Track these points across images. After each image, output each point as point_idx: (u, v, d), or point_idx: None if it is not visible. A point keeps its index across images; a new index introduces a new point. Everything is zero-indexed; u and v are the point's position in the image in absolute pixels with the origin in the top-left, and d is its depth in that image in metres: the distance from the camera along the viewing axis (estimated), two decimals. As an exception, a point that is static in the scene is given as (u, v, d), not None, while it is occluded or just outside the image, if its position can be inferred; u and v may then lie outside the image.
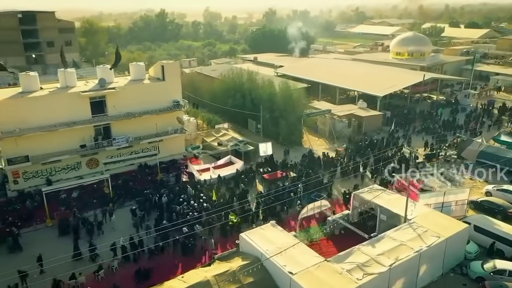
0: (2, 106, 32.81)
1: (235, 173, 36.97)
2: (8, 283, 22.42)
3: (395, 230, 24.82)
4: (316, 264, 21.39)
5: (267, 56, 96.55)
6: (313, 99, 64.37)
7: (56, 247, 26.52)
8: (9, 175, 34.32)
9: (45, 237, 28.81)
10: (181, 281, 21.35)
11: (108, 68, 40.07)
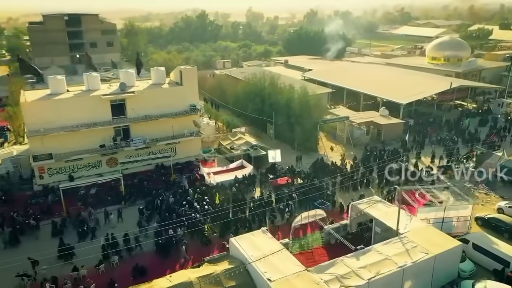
0: (30, 107, 35.84)
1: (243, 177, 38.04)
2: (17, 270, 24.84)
3: (383, 243, 24.84)
4: (295, 273, 21.98)
5: (299, 58, 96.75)
6: (338, 104, 64.43)
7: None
8: (35, 171, 37.31)
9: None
10: (168, 280, 22.66)
11: (130, 72, 42.32)
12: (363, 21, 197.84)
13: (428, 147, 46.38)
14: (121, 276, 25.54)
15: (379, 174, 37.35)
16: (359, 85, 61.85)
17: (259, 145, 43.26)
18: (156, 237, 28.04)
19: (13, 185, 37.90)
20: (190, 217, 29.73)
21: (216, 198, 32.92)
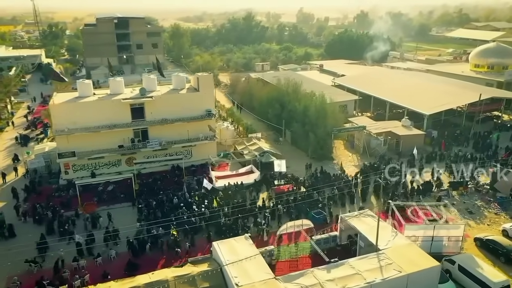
0: (57, 109, 39.55)
1: (251, 182, 39.41)
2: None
3: (359, 258, 25.22)
4: (263, 280, 23.04)
5: (336, 63, 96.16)
6: (366, 112, 63.82)
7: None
8: (61, 166, 41.04)
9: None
10: (148, 276, 24.59)
11: (151, 77, 45.05)
12: (416, 23, 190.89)
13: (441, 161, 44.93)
14: (115, 270, 27.91)
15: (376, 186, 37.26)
16: (387, 93, 60.76)
17: (270, 151, 44.32)
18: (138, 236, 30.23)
19: (43, 179, 41.88)
20: (184, 219, 31.51)
21: (214, 201, 34.50)
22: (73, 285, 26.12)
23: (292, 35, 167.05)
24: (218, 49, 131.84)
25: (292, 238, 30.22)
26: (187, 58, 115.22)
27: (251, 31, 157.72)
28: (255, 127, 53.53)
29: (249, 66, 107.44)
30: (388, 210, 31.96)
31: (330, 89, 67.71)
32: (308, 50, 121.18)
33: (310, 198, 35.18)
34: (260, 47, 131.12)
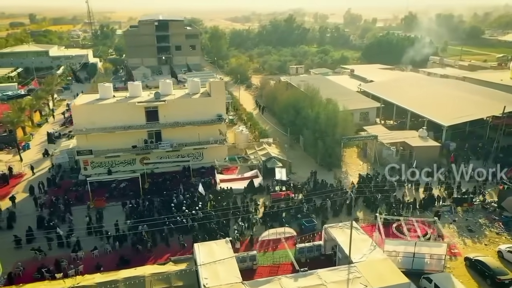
0: (77, 109, 42.90)
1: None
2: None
3: (329, 269, 25.70)
4: (230, 284, 24.23)
5: (369, 67, 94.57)
6: (389, 120, 62.83)
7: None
8: (80, 163, 44.39)
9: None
10: (130, 271, 26.59)
11: (167, 82, 47.37)
12: (467, 26, 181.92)
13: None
14: (108, 262, 30.24)
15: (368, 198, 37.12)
16: (410, 101, 59.32)
17: (277, 157, 45.13)
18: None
19: (65, 173, 45.51)
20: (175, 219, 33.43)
21: (208, 204, 36.02)
22: (68, 274, 28.66)
23: (334, 37, 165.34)
24: (257, 50, 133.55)
25: (274, 244, 31.01)
26: (224, 59, 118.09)
27: (292, 32, 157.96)
28: (274, 132, 54.35)
29: (284, 68, 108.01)
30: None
31: (354, 95, 67.26)
32: (345, 54, 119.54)
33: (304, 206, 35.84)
34: (298, 49, 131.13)
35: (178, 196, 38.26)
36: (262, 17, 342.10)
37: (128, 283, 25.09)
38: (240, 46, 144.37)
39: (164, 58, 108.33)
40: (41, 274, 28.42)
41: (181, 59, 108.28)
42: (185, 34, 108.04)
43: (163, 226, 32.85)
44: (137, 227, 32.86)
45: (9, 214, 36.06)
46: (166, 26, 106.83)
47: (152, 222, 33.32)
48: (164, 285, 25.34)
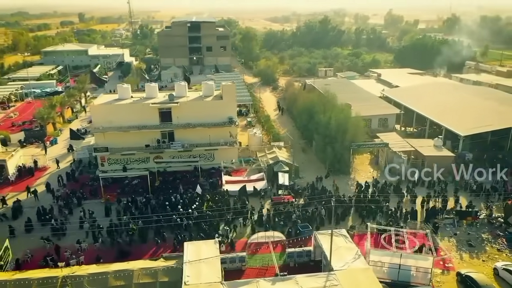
0: (95, 109, 45.54)
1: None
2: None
3: (308, 275, 26.15)
4: (210, 283, 25.30)
5: (398, 72, 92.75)
6: (408, 126, 61.73)
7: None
8: (98, 159, 47.02)
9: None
10: (123, 264, 28.30)
11: (182, 84, 49.10)
12: None
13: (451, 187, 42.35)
14: (108, 255, 32.20)
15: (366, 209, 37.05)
16: (431, 109, 57.91)
17: (284, 161, 45.68)
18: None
19: (84, 168, 48.36)
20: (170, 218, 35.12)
21: (205, 205, 37.25)
22: (69, 264, 30.84)
23: (369, 39, 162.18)
24: (289, 52, 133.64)
25: (263, 247, 31.75)
26: (255, 60, 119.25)
27: (326, 34, 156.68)
28: (290, 135, 54.73)
29: (313, 71, 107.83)
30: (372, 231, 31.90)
31: (375, 100, 66.43)
32: (377, 57, 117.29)
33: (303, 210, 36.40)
34: (330, 51, 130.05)
35: (176, 195, 39.74)
36: (302, 17, 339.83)
37: (117, 275, 26.78)
38: (273, 48, 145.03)
39: (195, 58, 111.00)
40: (46, 262, 30.80)
41: (211, 59, 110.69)
42: (216, 35, 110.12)
43: (156, 223, 34.42)
44: (128, 223, 34.82)
45: (15, 206, 38.75)
46: (198, 27, 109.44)
47: (146, 219, 34.97)
48: (151, 280, 26.80)
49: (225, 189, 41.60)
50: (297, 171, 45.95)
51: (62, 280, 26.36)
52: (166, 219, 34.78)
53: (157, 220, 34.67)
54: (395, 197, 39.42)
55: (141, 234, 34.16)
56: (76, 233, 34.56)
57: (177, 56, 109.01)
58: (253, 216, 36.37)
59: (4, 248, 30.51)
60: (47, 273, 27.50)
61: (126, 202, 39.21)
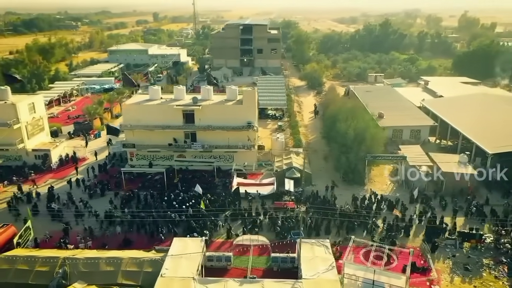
0: (126, 108, 49.75)
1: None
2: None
3: (276, 280, 27.30)
4: (182, 277, 27.41)
5: (450, 80, 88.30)
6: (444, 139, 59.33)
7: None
8: (128, 154, 51.26)
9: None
10: (117, 252, 31.41)
11: (207, 88, 51.72)
12: None
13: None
14: (114, 242, 35.68)
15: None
16: (468, 122, 55.09)
17: (297, 167, 46.47)
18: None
19: (116, 162, 52.89)
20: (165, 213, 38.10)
21: (202, 203, 39.40)
22: (78, 247, 34.69)
23: (434, 43, 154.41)
24: (344, 56, 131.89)
25: (248, 249, 33.14)
26: (306, 63, 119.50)
27: (387, 38, 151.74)
28: (317, 142, 55.25)
29: (363, 76, 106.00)
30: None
31: (411, 110, 64.46)
32: (433, 63, 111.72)
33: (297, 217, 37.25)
34: (387, 56, 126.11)
35: (179, 192, 42.46)
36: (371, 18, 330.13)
37: (108, 262, 29.80)
38: (330, 50, 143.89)
39: (245, 60, 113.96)
40: (60, 244, 34.94)
41: (261, 61, 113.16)
42: (267, 38, 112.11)
43: (150, 217, 37.67)
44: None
45: (50, 192, 43.83)
46: (250, 30, 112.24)
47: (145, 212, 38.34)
48: (136, 269, 29.48)
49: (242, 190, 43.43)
50: (309, 179, 46.56)
51: (62, 260, 30.00)
52: (161, 214, 37.70)
53: (152, 214, 37.94)
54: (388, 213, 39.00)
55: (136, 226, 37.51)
56: (90, 220, 38.57)
57: (228, 58, 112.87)
58: (246, 220, 37.86)
59: (25, 228, 35.06)
60: (52, 253, 31.37)
61: (131, 195, 42.95)
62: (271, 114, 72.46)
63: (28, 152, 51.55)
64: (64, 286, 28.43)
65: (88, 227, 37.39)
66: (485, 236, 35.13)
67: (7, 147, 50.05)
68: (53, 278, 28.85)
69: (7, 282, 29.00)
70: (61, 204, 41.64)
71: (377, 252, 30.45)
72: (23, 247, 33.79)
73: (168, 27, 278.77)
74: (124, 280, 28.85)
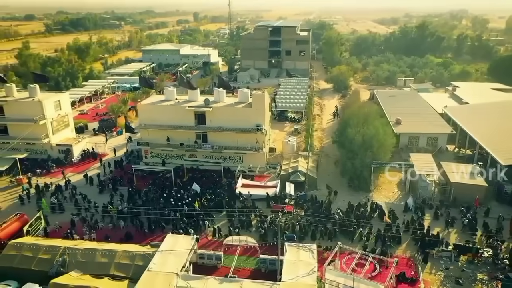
0: (142, 108, 52.06)
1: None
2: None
3: (253, 281, 28.15)
4: (167, 272, 28.79)
5: (480, 86, 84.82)
6: (462, 148, 57.62)
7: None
8: (143, 152, 53.59)
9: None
10: (114, 245, 33.35)
11: (221, 91, 53.00)
12: None
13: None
14: (116, 235, 37.77)
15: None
16: (488, 131, 53.21)
17: (302, 171, 46.86)
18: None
19: (133, 159, 55.36)
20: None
21: (196, 203, 40.79)
22: (83, 238, 37.03)
23: (474, 47, 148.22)
24: (377, 58, 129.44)
25: (238, 250, 34.04)
26: (336, 65, 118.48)
27: (423, 40, 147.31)
28: (331, 147, 55.31)
29: (392, 80, 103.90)
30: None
31: (431, 117, 62.89)
32: (467, 68, 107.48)
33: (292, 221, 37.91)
34: (420, 59, 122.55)
35: (179, 190, 44.06)
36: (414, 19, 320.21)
37: (104, 253, 31.80)
38: (363, 53, 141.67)
39: (273, 61, 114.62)
40: (66, 234, 37.44)
41: (289, 63, 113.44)
42: (296, 39, 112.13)
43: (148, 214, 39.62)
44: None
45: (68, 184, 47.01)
46: (279, 31, 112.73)
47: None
48: (128, 262, 31.26)
49: (237, 191, 44.61)
50: (314, 183, 46.85)
51: (63, 250, 32.29)
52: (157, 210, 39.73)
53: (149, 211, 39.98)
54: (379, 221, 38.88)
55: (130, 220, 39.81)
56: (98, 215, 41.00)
57: (257, 59, 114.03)
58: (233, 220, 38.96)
59: (36, 218, 37.81)
60: (56, 242, 33.73)
61: (133, 191, 45.25)
62: (291, 117, 72.86)
63: (53, 147, 55.06)
64: (62, 273, 30.67)
65: (91, 220, 39.70)
66: (483, 251, 34.13)
67: (34, 141, 53.59)
68: (53, 266, 31.22)
69: (13, 267, 31.64)
70: (63, 198, 44.41)
71: (361, 259, 30.51)
72: (33, 236, 36.49)
73: (207, 27, 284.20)
74: (116, 271, 30.72)
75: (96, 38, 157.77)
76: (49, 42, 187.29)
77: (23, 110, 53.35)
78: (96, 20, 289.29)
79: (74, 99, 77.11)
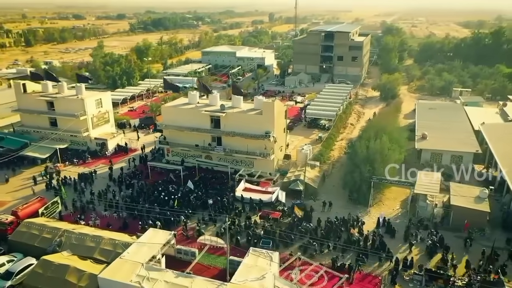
0: (165, 109, 56.62)
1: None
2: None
3: (205, 279, 30.42)
4: (134, 261, 32.13)
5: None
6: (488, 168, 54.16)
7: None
8: (164, 150, 58.12)
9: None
10: (105, 232, 37.66)
11: (237, 97, 55.55)
12: None
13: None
14: (115, 224, 42.29)
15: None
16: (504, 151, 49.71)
17: (302, 180, 47.77)
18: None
19: (157, 156, 60.19)
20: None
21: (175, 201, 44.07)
22: (88, 224, 42.03)
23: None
24: (439, 66, 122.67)
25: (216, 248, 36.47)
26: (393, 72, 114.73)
27: (499, 48, 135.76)
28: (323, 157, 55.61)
29: (447, 90, 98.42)
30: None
31: (463, 134, 59.44)
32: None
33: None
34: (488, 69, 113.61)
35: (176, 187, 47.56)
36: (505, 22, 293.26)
37: (92, 239, 36.19)
38: (429, 59, 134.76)
39: (324, 67, 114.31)
40: (76, 219, 42.76)
41: (341, 69, 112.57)
42: (349, 45, 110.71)
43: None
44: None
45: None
46: (332, 37, 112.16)
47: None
48: (111, 248, 35.22)
49: (238, 194, 46.97)
50: (314, 193, 47.58)
51: (62, 232, 37.31)
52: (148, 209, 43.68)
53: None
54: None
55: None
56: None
57: (308, 63, 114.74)
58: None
59: (53, 202, 43.60)
60: (59, 225, 38.96)
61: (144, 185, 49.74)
62: (323, 124, 73.07)
63: (92, 140, 61.86)
64: (57, 252, 35.61)
65: (93, 207, 45.26)
66: (455, 279, 32.80)
67: (75, 133, 60.74)
68: (51, 245, 36.31)
69: (21, 242, 37.35)
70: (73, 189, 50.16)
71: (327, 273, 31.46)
72: (47, 217, 42.24)
73: (280, 28, 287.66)
74: (99, 256, 34.86)
75: (167, 38, 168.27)
76: (130, 41, 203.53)
77: (69, 106, 60.65)
78: (177, 20, 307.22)
79: (125, 97, 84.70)
